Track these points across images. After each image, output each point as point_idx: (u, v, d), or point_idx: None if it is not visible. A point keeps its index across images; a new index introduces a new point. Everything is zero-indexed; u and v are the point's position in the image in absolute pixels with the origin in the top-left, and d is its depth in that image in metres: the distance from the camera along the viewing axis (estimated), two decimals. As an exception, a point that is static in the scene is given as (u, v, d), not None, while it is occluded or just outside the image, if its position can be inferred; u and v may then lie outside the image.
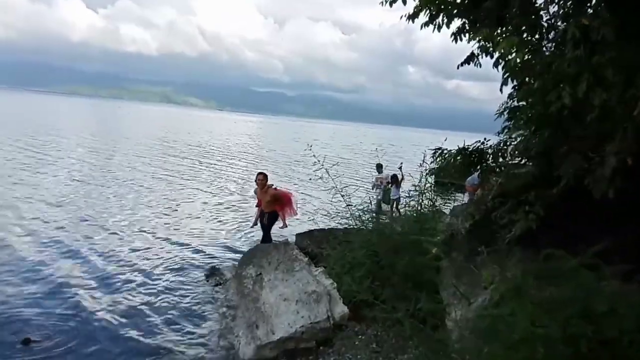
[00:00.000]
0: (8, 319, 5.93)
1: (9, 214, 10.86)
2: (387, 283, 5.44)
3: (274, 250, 7.50)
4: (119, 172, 18.95)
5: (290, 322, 5.53)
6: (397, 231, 6.31)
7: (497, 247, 4.35)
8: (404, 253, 5.53)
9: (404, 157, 24.13)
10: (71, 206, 12.31)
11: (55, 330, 5.77)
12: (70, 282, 7.35)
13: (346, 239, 6.82)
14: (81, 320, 6.12)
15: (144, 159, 23.88)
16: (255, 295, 6.31)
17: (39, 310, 6.29)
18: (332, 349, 5.24)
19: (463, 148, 5.36)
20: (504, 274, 3.80)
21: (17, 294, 6.72)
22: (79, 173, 17.68)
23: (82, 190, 14.56)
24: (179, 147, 32.82)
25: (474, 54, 5.90)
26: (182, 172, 20.59)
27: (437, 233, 6.04)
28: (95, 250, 8.96)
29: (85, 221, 10.95)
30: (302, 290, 6.06)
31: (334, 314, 5.75)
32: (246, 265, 7.34)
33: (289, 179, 21.26)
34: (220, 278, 7.96)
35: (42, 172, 17.08)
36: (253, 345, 5.39)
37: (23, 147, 23.60)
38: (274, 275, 6.65)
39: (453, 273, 5.04)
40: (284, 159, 30.91)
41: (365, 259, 6.02)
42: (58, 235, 9.67)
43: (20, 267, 7.74)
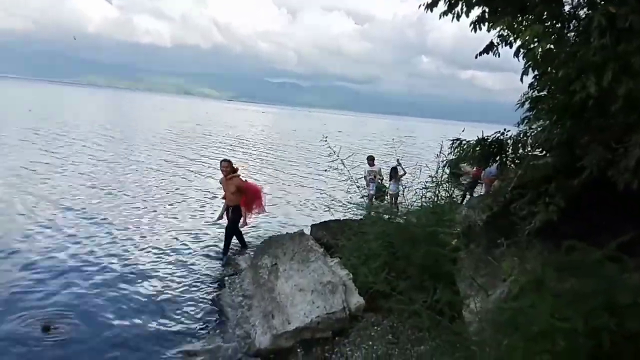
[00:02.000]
0: (28, 307, 6.01)
1: (29, 200, 11.03)
2: (404, 274, 5.41)
3: (289, 241, 7.51)
4: (140, 160, 19.16)
5: (306, 312, 5.53)
6: (414, 222, 6.26)
7: (517, 238, 4.29)
8: (420, 244, 5.48)
9: (420, 148, 24.03)
10: (92, 193, 12.47)
11: (73, 318, 5.85)
12: (89, 269, 7.45)
13: (362, 230, 6.78)
14: (98, 308, 6.19)
15: (163, 148, 24.06)
16: (271, 285, 6.32)
17: (58, 298, 6.38)
18: (348, 339, 5.24)
19: (482, 139, 5.27)
20: (524, 265, 3.76)
21: (36, 282, 6.82)
22: (104, 164, 17.87)
23: (103, 177, 14.76)
24: (200, 136, 33.02)
25: (493, 43, 5.81)
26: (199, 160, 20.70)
27: (454, 225, 5.99)
28: (113, 239, 9.05)
29: (105, 209, 11.07)
30: (318, 280, 6.06)
31: (350, 304, 5.74)
32: (261, 255, 7.35)
33: (306, 170, 21.32)
34: (236, 268, 8.00)
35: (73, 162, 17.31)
36: (269, 334, 5.41)
37: (44, 139, 23.90)
38: (289, 265, 6.66)
39: (471, 265, 4.99)
40: (299, 150, 30.96)
41: (381, 250, 5.98)
42: (76, 224, 9.79)
43: (39, 256, 7.84)
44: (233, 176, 8.45)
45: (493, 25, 5.38)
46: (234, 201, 8.44)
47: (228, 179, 8.39)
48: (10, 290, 6.46)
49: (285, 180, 18.42)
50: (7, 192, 11.89)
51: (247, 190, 8.70)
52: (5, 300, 6.18)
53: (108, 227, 9.71)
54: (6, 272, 7.02)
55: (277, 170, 21.26)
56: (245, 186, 8.71)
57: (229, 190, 8.40)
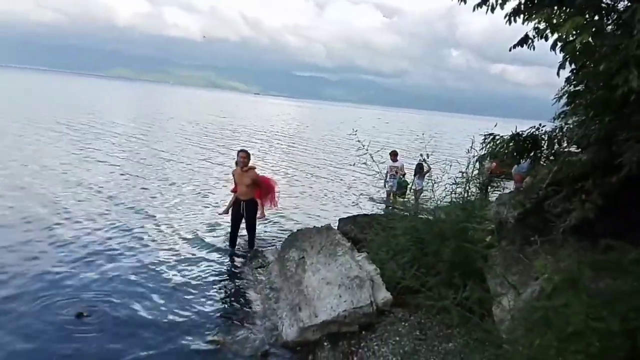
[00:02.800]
0: (62, 294, 6.16)
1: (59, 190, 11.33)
2: (432, 270, 5.36)
3: (316, 235, 7.52)
4: (172, 152, 19.47)
5: (333, 305, 5.52)
6: (443, 218, 6.19)
7: (551, 236, 4.20)
8: (450, 240, 5.42)
9: (450, 143, 23.75)
10: (121, 184, 12.73)
11: (105, 305, 5.97)
12: (119, 258, 7.61)
13: (390, 225, 6.74)
14: (128, 296, 6.30)
15: (193, 141, 24.38)
16: (298, 278, 6.34)
17: (89, 286, 6.52)
18: (375, 334, 5.21)
19: (516, 134, 5.15)
20: (558, 264, 3.67)
21: (67, 270, 6.98)
22: (136, 154, 18.21)
23: (133, 169, 15.06)
24: (232, 130, 33.34)
25: (528, 36, 5.67)
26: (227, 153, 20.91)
27: (484, 221, 5.90)
28: (142, 228, 9.21)
29: (135, 199, 11.29)
30: (345, 274, 6.05)
31: (377, 299, 5.71)
32: (289, 248, 7.39)
33: (334, 163, 21.32)
34: (263, 260, 8.05)
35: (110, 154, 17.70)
36: (296, 327, 5.43)
37: (77, 129, 24.49)
38: (316, 259, 6.66)
39: (502, 262, 4.91)
40: (327, 143, 30.99)
41: (409, 245, 5.94)
42: (108, 212, 10.03)
43: (69, 244, 8.03)
44: (250, 168, 8.15)
45: (529, 17, 5.25)
46: (248, 194, 8.14)
47: (244, 171, 8.08)
48: (43, 277, 6.63)
49: (313, 173, 18.47)
50: (39, 180, 12.22)
51: (264, 183, 8.48)
52: (39, 286, 6.35)
53: (137, 217, 9.89)
54: (38, 259, 7.21)
55: (306, 163, 21.36)
56: (262, 179, 8.47)
57: (244, 182, 8.06)
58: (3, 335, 5.12)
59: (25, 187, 11.51)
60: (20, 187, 11.45)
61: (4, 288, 6.19)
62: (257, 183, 8.21)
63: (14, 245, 7.66)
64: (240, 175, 8.07)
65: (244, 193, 8.08)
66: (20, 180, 12.07)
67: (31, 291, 6.19)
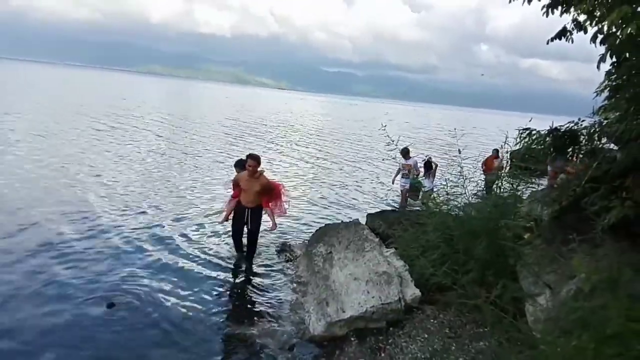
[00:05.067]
0: (93, 284, 6.28)
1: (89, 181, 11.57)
2: (463, 268, 5.25)
3: (344, 230, 7.48)
4: (207, 147, 19.70)
5: (361, 301, 5.48)
6: (474, 215, 6.06)
7: (589, 235, 4.06)
8: (482, 238, 5.30)
9: (480, 140, 23.37)
10: (152, 175, 12.93)
11: (135, 297, 6.06)
12: (148, 251, 7.70)
13: (419, 221, 6.64)
14: (157, 288, 6.37)
15: (231, 136, 24.62)
16: (326, 273, 6.32)
17: (119, 277, 6.61)
18: (403, 330, 5.15)
19: (554, 129, 4.99)
20: (597, 263, 3.55)
21: (100, 260, 7.12)
22: (168, 147, 18.49)
23: (164, 161, 15.30)
24: (265, 125, 33.58)
25: (566, 28, 5.50)
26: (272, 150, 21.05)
27: (517, 218, 5.75)
28: (173, 221, 9.33)
29: (165, 194, 11.45)
30: (373, 270, 6.00)
31: (406, 296, 5.65)
32: (316, 243, 7.37)
33: (363, 158, 21.23)
34: (291, 254, 8.05)
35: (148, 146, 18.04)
36: (323, 321, 5.41)
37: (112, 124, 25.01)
38: (344, 254, 6.63)
39: (536, 261, 4.77)
40: (358, 138, 30.92)
41: (439, 242, 5.84)
42: (139, 204, 10.21)
43: (100, 236, 8.17)
44: (260, 173, 7.36)
45: (568, 9, 5.08)
46: (255, 202, 7.37)
47: (254, 178, 7.27)
48: (74, 268, 6.76)
49: (342, 168, 18.48)
50: (73, 175, 12.52)
51: (275, 189, 7.71)
52: (71, 277, 6.47)
53: (165, 212, 10.00)
54: (68, 252, 7.34)
55: (336, 157, 21.40)
56: (273, 184, 7.71)
57: (252, 189, 7.27)
58: (36, 323, 5.24)
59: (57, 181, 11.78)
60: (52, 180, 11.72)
61: (36, 277, 6.33)
62: (268, 189, 7.51)
63: (45, 236, 7.86)
64: (249, 181, 7.28)
65: (251, 200, 7.34)
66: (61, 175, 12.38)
67: (62, 280, 6.34)
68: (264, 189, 7.36)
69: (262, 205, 7.46)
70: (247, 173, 7.27)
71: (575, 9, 4.72)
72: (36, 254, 7.10)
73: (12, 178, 11.29)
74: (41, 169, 12.61)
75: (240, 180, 7.40)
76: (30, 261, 6.84)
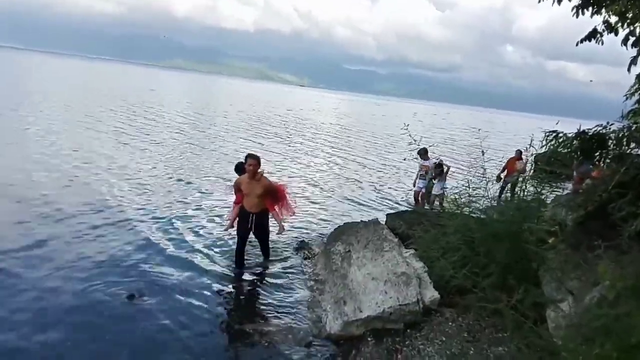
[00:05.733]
0: (113, 276, 6.37)
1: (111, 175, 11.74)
2: (484, 271, 5.17)
3: (363, 229, 7.45)
4: (230, 144, 19.88)
5: (378, 301, 5.44)
6: (496, 218, 5.97)
7: (614, 241, 3.96)
8: (504, 241, 5.21)
9: (504, 142, 23.07)
10: (174, 173, 13.09)
11: (154, 290, 6.14)
12: (167, 245, 7.78)
13: (440, 223, 6.57)
14: (176, 282, 6.45)
15: (258, 134, 24.78)
16: (343, 272, 6.29)
17: (139, 270, 6.71)
18: (421, 333, 5.10)
19: (582, 132, 4.87)
20: (622, 270, 3.45)
21: (121, 252, 7.23)
22: (201, 147, 18.69)
23: (192, 155, 15.46)
24: (294, 123, 33.71)
25: (596, 30, 5.37)
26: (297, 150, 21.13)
27: (541, 222, 5.65)
28: (190, 217, 9.39)
29: (187, 188, 11.57)
30: (392, 270, 5.95)
31: (424, 298, 5.59)
32: (335, 242, 7.35)
33: (385, 157, 21.15)
34: (309, 252, 8.05)
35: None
36: (340, 320, 5.39)
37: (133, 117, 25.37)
38: (362, 253, 6.59)
39: (559, 266, 4.68)
40: (381, 137, 30.85)
41: (460, 244, 5.76)
42: (157, 200, 10.31)
43: (120, 228, 8.29)
44: (261, 175, 6.96)
45: (599, 10, 4.96)
46: (259, 206, 6.95)
47: (255, 180, 6.86)
48: (95, 260, 6.87)
49: (365, 165, 18.50)
50: (91, 169, 12.73)
51: (277, 191, 7.31)
52: (91, 266, 6.61)
53: (184, 207, 10.08)
54: (88, 244, 7.46)
55: (359, 155, 21.42)
56: (275, 186, 7.31)
57: (254, 192, 6.86)
58: (58, 315, 5.34)
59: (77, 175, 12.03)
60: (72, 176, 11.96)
61: (58, 270, 6.43)
62: (271, 192, 7.10)
63: (65, 229, 8.00)
64: (250, 184, 6.86)
65: (255, 205, 6.92)
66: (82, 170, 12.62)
67: (84, 272, 6.44)
68: (267, 191, 6.98)
69: (267, 209, 7.12)
70: (247, 175, 6.89)
71: (607, 10, 4.61)
72: (56, 243, 7.28)
73: (51, 169, 11.58)
74: (72, 161, 12.90)
75: (241, 183, 7.00)
76: (52, 249, 7.01)
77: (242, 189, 6.96)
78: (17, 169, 11.29)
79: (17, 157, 12.49)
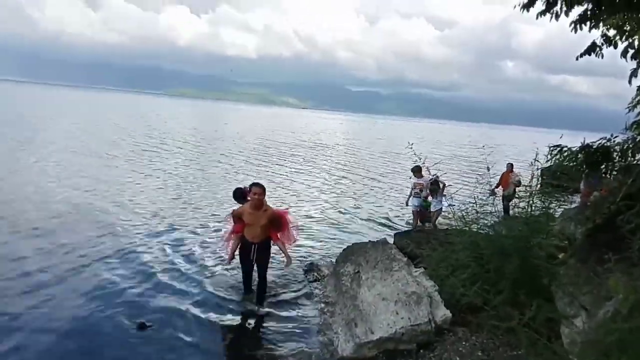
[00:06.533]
0: (123, 305, 6.36)
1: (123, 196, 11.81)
2: (494, 288, 5.14)
3: (372, 249, 7.42)
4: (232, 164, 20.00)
5: (390, 322, 5.40)
6: (504, 234, 5.95)
7: (625, 254, 3.93)
8: (513, 257, 5.18)
9: (508, 156, 23.06)
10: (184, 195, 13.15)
11: (165, 316, 6.13)
12: (175, 272, 7.79)
13: (448, 240, 6.56)
14: (186, 309, 6.43)
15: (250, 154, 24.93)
16: (353, 293, 6.25)
17: (150, 297, 6.70)
18: (434, 353, 5.04)
19: (586, 145, 4.89)
20: (634, 283, 3.43)
21: (129, 280, 7.23)
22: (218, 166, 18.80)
23: (203, 181, 15.56)
24: (299, 144, 33.90)
25: (595, 44, 5.43)
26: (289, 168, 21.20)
27: (550, 237, 5.63)
28: (195, 243, 9.39)
29: (192, 212, 11.60)
30: (402, 290, 5.91)
31: (436, 317, 5.54)
32: (344, 263, 7.32)
33: (391, 177, 21.16)
34: (318, 274, 8.02)
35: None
36: (352, 343, 5.34)
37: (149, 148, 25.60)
38: (372, 273, 6.56)
39: (570, 281, 4.64)
40: (388, 156, 30.94)
41: (469, 261, 5.73)
42: (168, 223, 10.37)
43: (128, 256, 8.31)
44: (266, 205, 6.59)
45: (597, 24, 5.02)
46: (261, 236, 6.49)
47: (262, 210, 6.41)
48: (104, 286, 6.91)
49: (371, 185, 18.54)
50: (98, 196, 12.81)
51: (281, 219, 6.83)
52: (99, 295, 6.61)
53: (192, 234, 10.10)
54: (98, 272, 7.47)
55: (365, 174, 21.53)
56: (280, 214, 6.85)
57: (259, 223, 6.39)
58: (67, 344, 5.33)
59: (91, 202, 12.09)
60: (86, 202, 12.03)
61: (68, 298, 6.46)
62: (275, 220, 6.63)
63: (77, 255, 8.05)
64: (253, 215, 6.39)
65: (258, 235, 6.45)
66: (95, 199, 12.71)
67: (93, 300, 6.45)
68: (272, 221, 6.55)
69: (270, 238, 6.67)
70: (250, 204, 6.44)
71: (604, 24, 4.67)
72: (73, 269, 7.34)
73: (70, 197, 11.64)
74: (96, 184, 12.99)
75: (242, 213, 6.48)
76: (66, 275, 7.12)
77: (244, 219, 6.48)
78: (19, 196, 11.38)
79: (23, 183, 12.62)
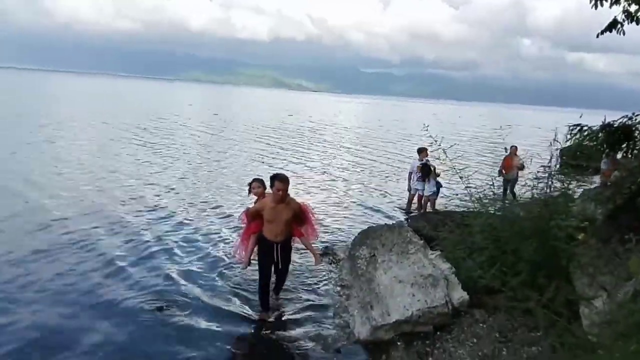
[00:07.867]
0: (143, 289, 6.44)
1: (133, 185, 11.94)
2: (512, 270, 5.09)
3: (387, 232, 7.38)
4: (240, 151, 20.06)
5: (406, 304, 5.38)
6: (522, 215, 5.87)
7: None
8: (531, 238, 5.11)
9: (527, 140, 22.74)
10: (206, 185, 13.26)
11: (183, 299, 6.20)
12: (194, 255, 7.87)
13: (465, 222, 6.49)
14: (203, 293, 6.47)
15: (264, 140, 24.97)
16: (369, 276, 6.25)
17: (169, 281, 6.78)
18: (451, 335, 5.03)
19: (607, 124, 4.76)
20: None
21: (149, 265, 7.32)
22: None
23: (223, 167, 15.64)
24: (316, 128, 33.85)
25: (617, 20, 5.27)
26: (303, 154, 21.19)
27: (569, 218, 5.53)
28: (215, 227, 9.48)
29: (210, 198, 11.70)
30: (418, 273, 5.88)
31: (453, 299, 5.51)
32: (359, 246, 7.30)
33: (406, 159, 21.05)
34: (334, 257, 8.03)
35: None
36: (368, 325, 5.35)
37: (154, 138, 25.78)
38: (388, 256, 6.53)
39: (590, 261, 4.57)
40: (404, 139, 30.77)
41: (487, 243, 5.67)
42: (180, 211, 10.42)
43: (148, 240, 8.42)
44: (290, 197, 5.94)
45: (618, 0, 4.87)
46: (285, 233, 5.90)
47: (284, 205, 5.78)
48: (122, 271, 7.03)
49: (385, 170, 18.40)
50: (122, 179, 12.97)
51: (305, 212, 6.33)
52: (119, 279, 6.74)
53: (211, 216, 10.21)
54: (116, 255, 7.61)
55: (379, 158, 21.43)
56: (304, 207, 6.30)
57: (282, 218, 5.78)
58: (91, 327, 5.43)
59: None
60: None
61: (86, 281, 6.59)
62: (299, 214, 6.09)
63: (95, 240, 8.20)
64: (275, 209, 5.75)
65: (281, 232, 5.85)
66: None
67: (112, 284, 6.56)
68: (296, 215, 5.99)
69: (292, 235, 6.16)
70: (271, 199, 5.82)
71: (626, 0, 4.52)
72: (88, 254, 7.46)
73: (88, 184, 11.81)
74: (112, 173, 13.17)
75: (262, 209, 5.88)
76: (83, 260, 7.24)
77: (264, 215, 5.83)
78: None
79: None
